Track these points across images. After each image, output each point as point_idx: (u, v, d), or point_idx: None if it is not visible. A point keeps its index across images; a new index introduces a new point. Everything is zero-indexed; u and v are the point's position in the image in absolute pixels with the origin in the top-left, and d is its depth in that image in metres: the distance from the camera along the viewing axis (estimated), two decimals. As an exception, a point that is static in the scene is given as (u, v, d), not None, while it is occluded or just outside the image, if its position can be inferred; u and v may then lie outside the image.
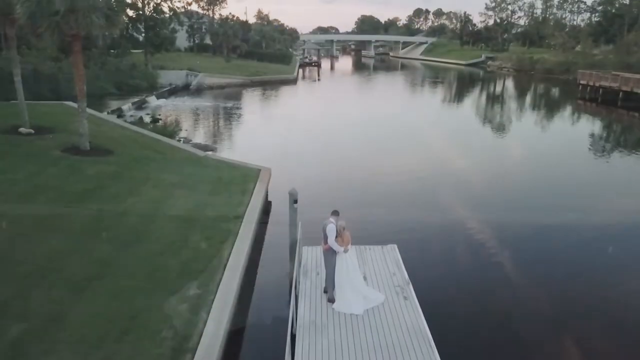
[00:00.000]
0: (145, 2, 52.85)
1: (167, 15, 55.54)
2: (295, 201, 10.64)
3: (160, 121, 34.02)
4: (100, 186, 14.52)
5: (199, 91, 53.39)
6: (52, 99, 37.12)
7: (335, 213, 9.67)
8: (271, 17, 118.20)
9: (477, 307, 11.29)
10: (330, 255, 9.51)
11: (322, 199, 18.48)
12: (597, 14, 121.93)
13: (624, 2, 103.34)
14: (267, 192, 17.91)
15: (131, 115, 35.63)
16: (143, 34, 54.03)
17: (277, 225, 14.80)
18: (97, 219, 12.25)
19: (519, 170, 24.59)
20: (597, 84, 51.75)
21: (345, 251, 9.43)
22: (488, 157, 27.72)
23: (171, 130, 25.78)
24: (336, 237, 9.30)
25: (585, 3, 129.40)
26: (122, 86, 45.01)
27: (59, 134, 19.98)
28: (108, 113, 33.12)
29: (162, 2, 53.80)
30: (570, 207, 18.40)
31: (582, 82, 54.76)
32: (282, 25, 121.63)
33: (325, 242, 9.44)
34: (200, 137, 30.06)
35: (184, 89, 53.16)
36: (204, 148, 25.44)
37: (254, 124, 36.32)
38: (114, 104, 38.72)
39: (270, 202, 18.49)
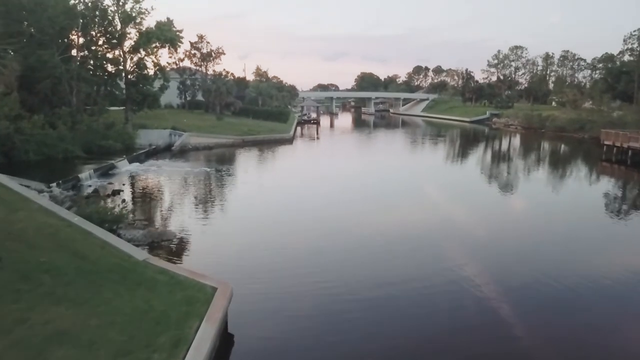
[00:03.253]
0: (127, 56, 48.65)
1: (152, 71, 51.21)
2: None
3: (120, 193, 28.32)
4: None
5: (182, 153, 48.03)
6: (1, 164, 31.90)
7: None
8: (271, 74, 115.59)
9: None
10: None
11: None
12: (597, 71, 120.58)
13: (624, 59, 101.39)
14: (225, 316, 11.91)
15: (89, 186, 29.92)
16: (124, 90, 49.45)
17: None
18: None
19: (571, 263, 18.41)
20: (625, 145, 46.53)
21: None
22: (534, 246, 21.54)
23: (117, 215, 19.80)
24: None
25: (585, 61, 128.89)
26: (92, 148, 39.74)
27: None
28: (58, 184, 27.39)
29: (146, 57, 49.57)
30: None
31: (606, 142, 49.53)
32: (281, 81, 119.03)
33: None
34: (159, 217, 24.14)
35: (165, 150, 47.87)
36: (158, 236, 19.54)
37: (232, 197, 30.04)
38: (82, 169, 33.29)
39: (232, 337, 12.37)
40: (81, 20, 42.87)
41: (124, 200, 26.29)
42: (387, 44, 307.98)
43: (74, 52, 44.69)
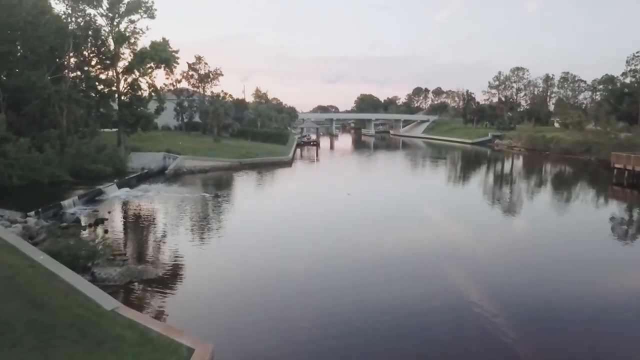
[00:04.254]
0: (121, 77, 47.18)
1: (146, 92, 49.71)
2: None
3: (104, 222, 26.28)
4: None
5: (176, 176, 46.10)
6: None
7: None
8: (270, 96, 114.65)
9: None
10: None
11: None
12: (597, 93, 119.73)
13: (627, 80, 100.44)
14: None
15: (72, 214, 27.88)
16: (117, 112, 47.84)
17: None
18: None
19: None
20: (637, 169, 44.70)
21: None
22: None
23: (93, 250, 17.76)
24: None
25: (585, 82, 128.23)
26: (81, 172, 37.81)
27: None
28: (37, 213, 25.36)
29: (140, 78, 48.07)
30: None
31: (617, 165, 47.67)
32: (281, 103, 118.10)
33: None
34: (143, 251, 22.03)
35: (159, 174, 45.95)
36: (138, 274, 17.48)
37: (223, 228, 27.43)
38: (68, 195, 31.28)
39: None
40: (73, 40, 41.37)
41: (106, 231, 24.24)
42: (386, 65, 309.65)
43: (65, 72, 43.21)
